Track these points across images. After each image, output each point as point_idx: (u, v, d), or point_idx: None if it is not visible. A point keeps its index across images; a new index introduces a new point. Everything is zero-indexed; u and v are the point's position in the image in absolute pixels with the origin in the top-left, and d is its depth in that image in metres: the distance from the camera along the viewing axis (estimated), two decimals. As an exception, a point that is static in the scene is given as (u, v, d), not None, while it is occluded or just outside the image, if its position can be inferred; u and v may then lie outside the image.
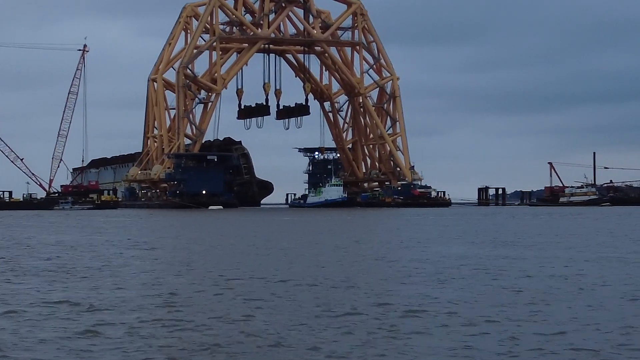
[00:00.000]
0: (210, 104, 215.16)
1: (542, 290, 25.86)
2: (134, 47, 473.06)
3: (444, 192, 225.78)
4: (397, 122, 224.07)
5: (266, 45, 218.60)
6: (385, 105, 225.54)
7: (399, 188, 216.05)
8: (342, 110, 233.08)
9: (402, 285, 27.49)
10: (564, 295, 24.92)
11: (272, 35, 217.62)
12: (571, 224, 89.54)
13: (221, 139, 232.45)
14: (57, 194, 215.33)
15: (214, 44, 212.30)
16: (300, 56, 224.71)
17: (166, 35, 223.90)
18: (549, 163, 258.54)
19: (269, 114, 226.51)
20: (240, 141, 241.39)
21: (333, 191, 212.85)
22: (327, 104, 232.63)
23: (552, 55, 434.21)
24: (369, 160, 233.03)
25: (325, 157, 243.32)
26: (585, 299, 24.06)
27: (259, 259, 39.85)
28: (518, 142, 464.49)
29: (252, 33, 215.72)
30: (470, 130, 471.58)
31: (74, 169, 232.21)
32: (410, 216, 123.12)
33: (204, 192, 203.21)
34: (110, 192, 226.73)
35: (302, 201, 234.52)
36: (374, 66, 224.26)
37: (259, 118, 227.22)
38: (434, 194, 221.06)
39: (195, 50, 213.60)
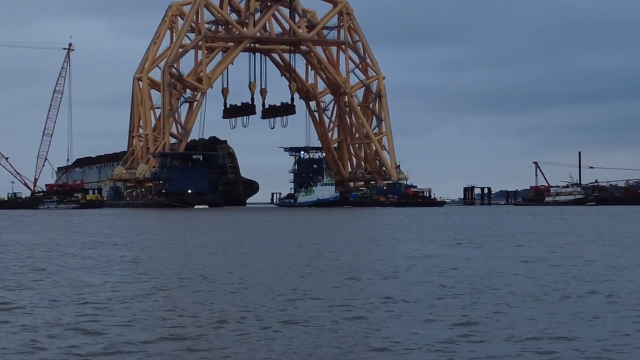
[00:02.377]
0: (195, 103, 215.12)
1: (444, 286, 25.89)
2: (120, 46, 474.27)
3: (430, 191, 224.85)
4: (383, 122, 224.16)
5: (252, 45, 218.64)
6: (371, 104, 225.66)
7: (385, 187, 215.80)
8: (327, 110, 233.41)
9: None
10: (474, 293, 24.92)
11: (258, 34, 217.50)
12: (537, 224, 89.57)
13: (206, 138, 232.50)
14: (42, 193, 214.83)
15: (200, 43, 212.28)
16: (286, 55, 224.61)
17: (151, 34, 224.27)
18: (534, 162, 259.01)
19: (254, 113, 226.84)
20: (226, 140, 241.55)
21: (325, 190, 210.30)
22: (312, 103, 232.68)
23: (535, 55, 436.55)
24: (354, 160, 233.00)
25: (311, 156, 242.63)
26: (490, 296, 24.03)
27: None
28: (503, 141, 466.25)
29: (237, 32, 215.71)
30: (453, 129, 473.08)
31: (58, 168, 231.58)
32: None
33: (189, 191, 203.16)
34: (95, 191, 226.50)
35: (291, 200, 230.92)
36: (360, 65, 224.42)
37: (245, 117, 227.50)
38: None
39: (180, 49, 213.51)
